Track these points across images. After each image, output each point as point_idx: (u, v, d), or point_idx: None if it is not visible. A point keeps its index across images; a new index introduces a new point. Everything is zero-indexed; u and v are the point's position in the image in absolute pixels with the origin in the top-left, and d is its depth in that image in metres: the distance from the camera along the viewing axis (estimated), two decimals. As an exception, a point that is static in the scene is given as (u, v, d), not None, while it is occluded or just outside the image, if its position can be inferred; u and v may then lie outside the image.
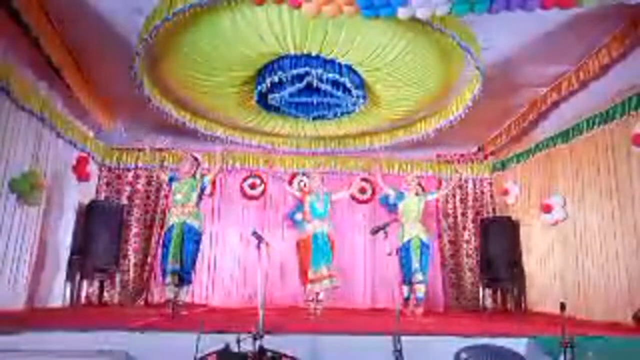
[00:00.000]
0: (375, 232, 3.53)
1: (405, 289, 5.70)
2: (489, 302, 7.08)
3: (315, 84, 5.09)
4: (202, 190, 5.19)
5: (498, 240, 6.87)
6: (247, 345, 2.71)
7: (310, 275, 5.23)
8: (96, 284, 6.74)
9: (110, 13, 4.33)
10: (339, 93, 5.22)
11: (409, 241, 5.60)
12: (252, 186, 7.70)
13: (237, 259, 7.37)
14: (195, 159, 5.35)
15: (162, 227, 6.52)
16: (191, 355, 2.64)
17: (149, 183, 7.48)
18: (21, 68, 4.72)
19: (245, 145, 7.21)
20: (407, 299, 5.70)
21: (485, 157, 7.90)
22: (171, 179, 5.24)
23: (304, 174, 7.74)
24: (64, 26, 4.50)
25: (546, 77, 5.28)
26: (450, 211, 7.75)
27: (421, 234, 5.66)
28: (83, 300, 6.49)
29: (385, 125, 6.72)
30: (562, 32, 4.33)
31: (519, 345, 3.32)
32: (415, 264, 5.52)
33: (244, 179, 7.71)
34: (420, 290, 5.51)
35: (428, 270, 5.77)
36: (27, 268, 5.19)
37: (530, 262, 6.77)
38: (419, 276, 5.49)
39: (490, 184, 7.89)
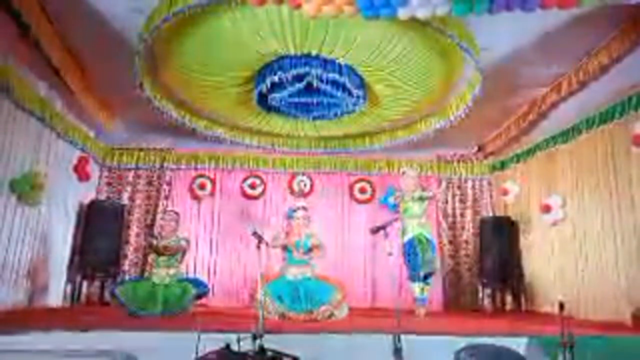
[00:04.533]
0: (375, 231, 3.54)
1: (416, 287, 5.46)
2: (488, 302, 7.08)
3: (315, 84, 5.09)
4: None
5: (497, 241, 6.86)
6: (247, 345, 2.71)
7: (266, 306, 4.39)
8: (97, 283, 6.75)
9: (110, 13, 4.33)
10: (339, 93, 5.21)
11: (412, 238, 5.46)
12: (252, 186, 7.71)
13: (237, 259, 7.37)
14: (176, 213, 5.62)
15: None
16: (191, 355, 2.65)
17: (149, 183, 7.49)
18: (21, 68, 4.73)
19: (245, 145, 7.21)
20: (422, 299, 5.45)
21: (485, 157, 7.90)
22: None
23: (303, 174, 7.75)
24: (64, 26, 4.50)
25: (546, 77, 5.28)
26: (449, 211, 7.76)
27: (424, 231, 5.51)
28: (83, 300, 6.50)
29: (385, 125, 6.73)
30: (562, 32, 4.33)
31: (518, 345, 3.32)
32: (426, 258, 5.35)
33: (244, 179, 7.72)
34: (425, 290, 5.42)
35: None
36: (28, 268, 5.20)
37: (529, 262, 6.77)
38: (430, 268, 5.36)
39: (490, 184, 7.89)
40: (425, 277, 5.46)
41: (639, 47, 4.29)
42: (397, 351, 2.64)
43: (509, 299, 6.96)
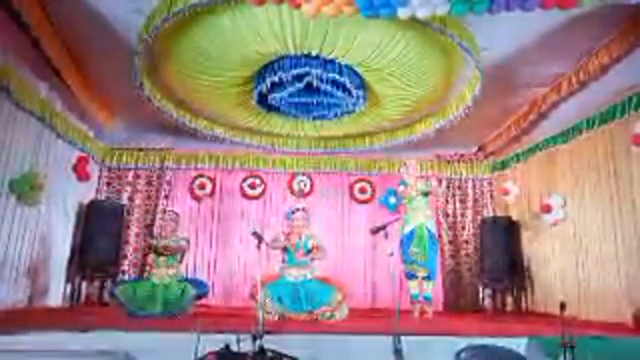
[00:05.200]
0: (375, 231, 3.53)
1: (411, 284, 5.29)
2: (488, 303, 7.07)
3: (315, 84, 5.09)
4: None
5: (498, 241, 6.85)
6: (247, 345, 2.70)
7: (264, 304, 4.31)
8: (96, 284, 6.74)
9: (110, 13, 4.32)
10: (339, 93, 5.22)
11: (412, 231, 5.24)
12: (252, 186, 7.71)
13: (237, 259, 7.38)
14: (176, 214, 5.51)
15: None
16: (191, 355, 2.64)
17: (149, 183, 7.49)
18: (21, 68, 4.72)
19: (245, 145, 7.21)
20: (415, 297, 5.29)
21: (486, 157, 7.90)
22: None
23: (303, 174, 7.75)
24: (64, 26, 4.50)
25: (546, 77, 5.27)
26: (450, 211, 7.75)
27: (427, 223, 5.28)
28: (83, 300, 6.49)
29: (386, 125, 6.72)
30: (562, 32, 4.33)
31: (519, 345, 3.31)
32: (420, 257, 5.13)
33: (244, 179, 7.72)
34: (428, 286, 5.24)
35: (437, 266, 5.46)
36: (27, 268, 5.19)
37: (530, 262, 6.77)
38: (422, 271, 5.13)
39: (490, 184, 7.89)
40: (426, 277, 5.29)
41: (639, 47, 4.29)
42: (398, 352, 2.63)
43: (509, 299, 6.95)
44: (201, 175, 7.64)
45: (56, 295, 6.00)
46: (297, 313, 4.68)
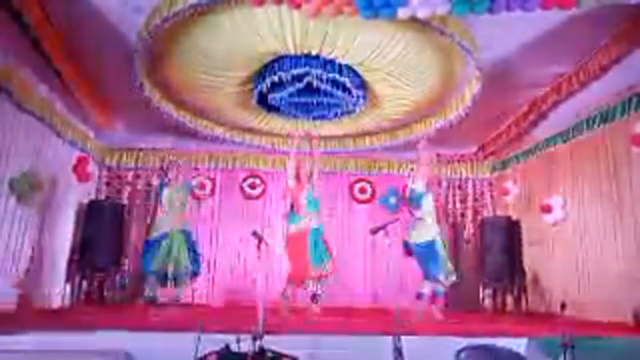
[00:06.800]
0: (375, 231, 3.53)
1: (426, 285, 5.06)
2: (489, 302, 7.07)
3: (315, 84, 5.09)
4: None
5: (498, 240, 6.85)
6: (247, 345, 2.71)
7: (313, 272, 5.00)
8: (96, 283, 6.74)
9: (111, 13, 4.32)
10: (339, 93, 5.22)
11: (433, 241, 5.02)
12: (252, 186, 7.71)
13: (237, 259, 7.37)
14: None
15: None
16: (191, 355, 2.64)
17: (148, 183, 7.49)
18: (21, 68, 4.72)
19: (246, 145, 7.21)
20: (421, 295, 5.08)
21: (485, 157, 7.90)
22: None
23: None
24: (64, 27, 4.49)
25: (546, 77, 5.27)
26: (450, 211, 7.76)
27: (438, 237, 5.11)
28: (83, 300, 6.49)
29: (385, 125, 6.72)
30: (562, 32, 4.32)
31: (519, 345, 3.32)
32: (447, 264, 4.97)
33: (244, 179, 7.72)
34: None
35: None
36: (27, 268, 5.19)
37: (530, 262, 6.77)
38: (452, 277, 4.99)
39: (490, 184, 7.89)
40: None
41: (639, 48, 4.29)
42: (398, 351, 2.63)
43: (509, 299, 6.95)
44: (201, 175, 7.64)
45: (56, 295, 6.00)
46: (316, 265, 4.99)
